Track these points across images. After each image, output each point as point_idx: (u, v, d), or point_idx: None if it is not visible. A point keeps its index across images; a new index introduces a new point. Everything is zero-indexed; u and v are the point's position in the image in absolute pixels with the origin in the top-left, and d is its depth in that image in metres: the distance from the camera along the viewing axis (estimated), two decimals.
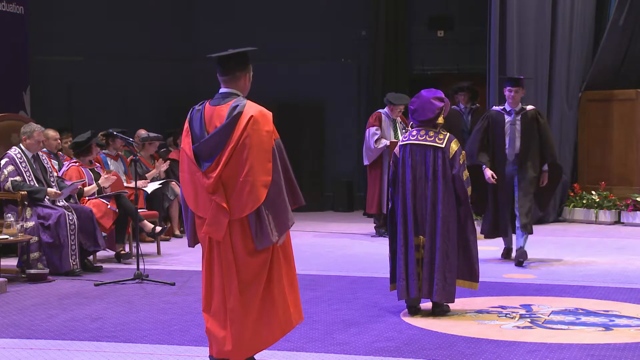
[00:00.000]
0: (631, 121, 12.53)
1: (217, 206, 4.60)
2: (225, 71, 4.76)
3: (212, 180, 4.59)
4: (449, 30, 14.68)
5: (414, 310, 6.49)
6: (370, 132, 10.87)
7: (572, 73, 12.69)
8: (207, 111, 4.70)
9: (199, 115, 4.71)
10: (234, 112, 4.59)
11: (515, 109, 8.82)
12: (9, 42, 12.27)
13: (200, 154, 4.65)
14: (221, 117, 4.63)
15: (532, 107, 8.98)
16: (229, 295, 4.66)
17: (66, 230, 8.30)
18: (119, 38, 14.17)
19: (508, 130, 8.77)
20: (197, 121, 4.71)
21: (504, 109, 8.89)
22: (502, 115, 8.85)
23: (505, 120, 8.81)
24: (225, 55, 4.79)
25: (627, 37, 12.75)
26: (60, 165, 9.59)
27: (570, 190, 12.65)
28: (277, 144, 4.63)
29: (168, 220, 11.18)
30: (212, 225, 4.63)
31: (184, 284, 7.87)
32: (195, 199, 4.71)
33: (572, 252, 9.65)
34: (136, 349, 5.61)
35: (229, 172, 4.58)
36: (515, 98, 8.80)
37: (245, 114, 4.58)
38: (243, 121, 4.56)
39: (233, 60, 4.77)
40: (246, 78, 4.79)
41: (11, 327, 6.26)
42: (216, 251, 4.69)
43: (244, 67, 4.78)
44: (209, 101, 4.75)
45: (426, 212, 6.38)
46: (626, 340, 5.75)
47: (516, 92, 8.80)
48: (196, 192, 4.70)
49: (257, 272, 4.66)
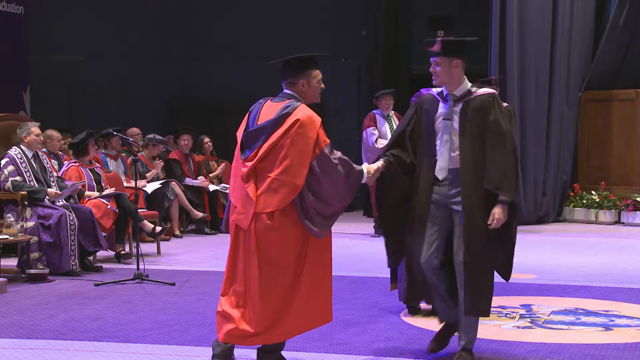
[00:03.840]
0: (631, 121, 12.54)
1: (246, 196, 4.75)
2: (283, 75, 4.93)
3: (247, 169, 4.75)
4: (449, 30, 14.68)
5: (414, 311, 6.49)
6: (368, 133, 10.89)
7: (572, 73, 12.69)
8: (265, 105, 4.88)
9: (258, 107, 4.90)
10: (284, 112, 4.75)
11: None
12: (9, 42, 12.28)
13: (246, 143, 4.83)
14: (272, 113, 4.79)
15: None
16: (250, 284, 4.75)
17: (66, 230, 8.30)
18: (119, 38, 14.18)
19: None
20: (254, 112, 4.89)
21: None
22: None
23: None
24: (281, 61, 4.94)
25: (627, 37, 12.76)
26: (60, 165, 9.59)
27: (570, 190, 12.66)
28: (325, 149, 4.75)
29: (168, 220, 11.18)
30: (240, 214, 4.78)
31: (184, 284, 7.87)
32: (233, 185, 4.91)
33: (572, 252, 9.65)
34: (136, 349, 5.61)
35: (263, 166, 4.73)
36: None
37: (293, 116, 4.73)
38: (289, 122, 4.72)
39: (288, 65, 4.92)
40: (302, 83, 4.90)
41: (11, 327, 6.26)
42: (242, 238, 4.80)
43: (298, 73, 4.90)
44: (271, 98, 4.93)
45: None
46: (626, 340, 5.75)
47: None
48: (235, 178, 4.89)
49: (282, 263, 4.74)
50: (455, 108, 5.08)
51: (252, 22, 14.61)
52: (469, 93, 5.12)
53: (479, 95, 5.08)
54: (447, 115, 5.09)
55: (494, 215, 4.90)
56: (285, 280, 4.76)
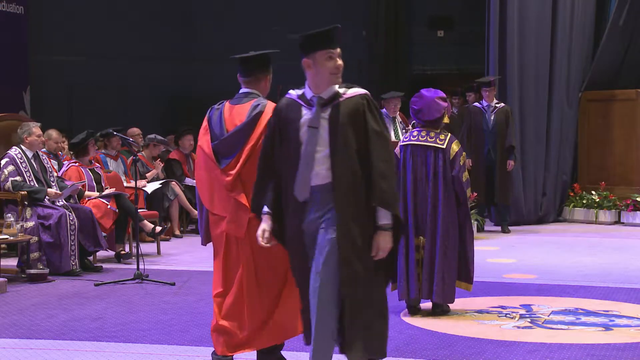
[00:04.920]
0: (631, 121, 12.52)
1: (237, 203, 4.65)
2: (247, 72, 4.82)
3: (231, 178, 4.63)
4: (449, 30, 14.69)
5: (414, 310, 6.49)
6: None
7: (572, 73, 12.68)
8: (226, 110, 4.75)
9: (218, 113, 4.76)
10: (255, 111, 4.65)
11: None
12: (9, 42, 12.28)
13: (220, 152, 4.70)
14: (241, 116, 4.68)
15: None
16: (246, 290, 4.70)
17: (66, 230, 8.30)
18: (119, 38, 14.18)
19: None
20: (216, 119, 4.75)
21: None
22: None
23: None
24: (248, 57, 4.84)
25: (627, 37, 12.75)
26: (60, 165, 9.59)
27: (570, 190, 12.65)
28: None
29: (168, 220, 11.18)
30: (233, 223, 4.67)
31: (184, 284, 7.87)
32: (210, 197, 4.74)
33: (572, 252, 9.64)
34: (136, 349, 5.61)
35: (248, 170, 4.62)
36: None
37: (267, 113, 4.62)
38: (264, 120, 4.62)
39: (254, 62, 4.83)
40: (267, 80, 4.85)
41: (11, 327, 6.26)
42: (234, 247, 4.72)
43: (265, 69, 4.84)
44: (228, 101, 4.81)
45: (426, 213, 6.38)
46: (626, 340, 5.75)
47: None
48: (212, 189, 4.73)
49: (276, 267, 4.70)
50: (323, 114, 4.20)
51: (252, 22, 14.61)
52: (337, 95, 4.27)
53: (349, 97, 4.28)
54: (312, 122, 4.19)
55: (379, 244, 4.14)
56: (278, 283, 4.73)
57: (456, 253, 6.38)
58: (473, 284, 6.53)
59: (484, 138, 10.98)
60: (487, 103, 11.04)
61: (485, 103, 11.07)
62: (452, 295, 6.40)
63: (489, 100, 11.03)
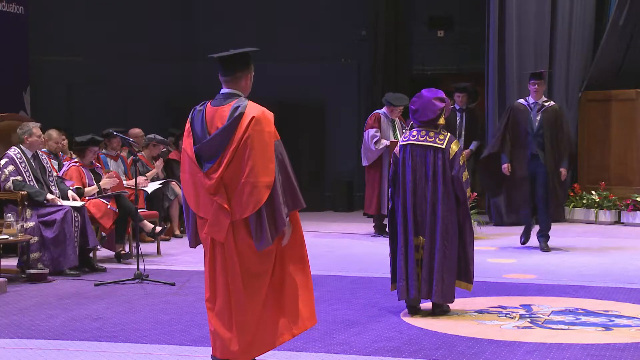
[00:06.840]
0: (631, 121, 12.53)
1: (218, 207, 4.59)
2: (227, 71, 4.74)
3: (214, 181, 4.57)
4: (449, 30, 14.68)
5: (413, 310, 6.49)
6: (369, 134, 10.84)
7: (572, 73, 12.69)
8: (208, 112, 4.68)
9: (200, 115, 4.70)
10: (236, 113, 4.57)
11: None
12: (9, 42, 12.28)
13: (202, 155, 4.64)
14: (223, 118, 4.61)
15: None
16: (233, 295, 4.65)
17: (72, 226, 8.30)
18: (119, 38, 14.17)
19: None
20: (198, 122, 4.69)
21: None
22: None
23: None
24: (227, 56, 4.77)
25: (627, 37, 12.75)
26: (60, 165, 9.59)
27: (570, 190, 12.65)
28: (277, 146, 4.60)
29: (168, 220, 11.18)
30: (213, 226, 4.62)
31: (184, 284, 7.87)
32: (196, 200, 4.70)
33: (572, 252, 9.65)
34: (136, 349, 5.61)
35: (230, 173, 4.57)
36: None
37: (247, 115, 4.56)
38: (245, 122, 4.55)
39: (234, 61, 4.75)
40: (247, 78, 4.77)
41: (11, 327, 6.26)
42: (219, 251, 4.68)
43: (246, 68, 4.76)
44: (210, 102, 4.74)
45: (426, 212, 6.38)
46: (626, 340, 5.75)
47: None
48: (197, 192, 4.68)
49: (262, 271, 4.66)
50: None
51: (252, 23, 14.61)
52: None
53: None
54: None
55: None
56: (264, 287, 4.67)
57: (455, 253, 6.38)
58: (473, 284, 6.53)
59: (527, 140, 9.43)
60: (533, 100, 9.48)
61: (531, 100, 9.51)
62: (452, 295, 6.40)
63: (537, 97, 9.45)
